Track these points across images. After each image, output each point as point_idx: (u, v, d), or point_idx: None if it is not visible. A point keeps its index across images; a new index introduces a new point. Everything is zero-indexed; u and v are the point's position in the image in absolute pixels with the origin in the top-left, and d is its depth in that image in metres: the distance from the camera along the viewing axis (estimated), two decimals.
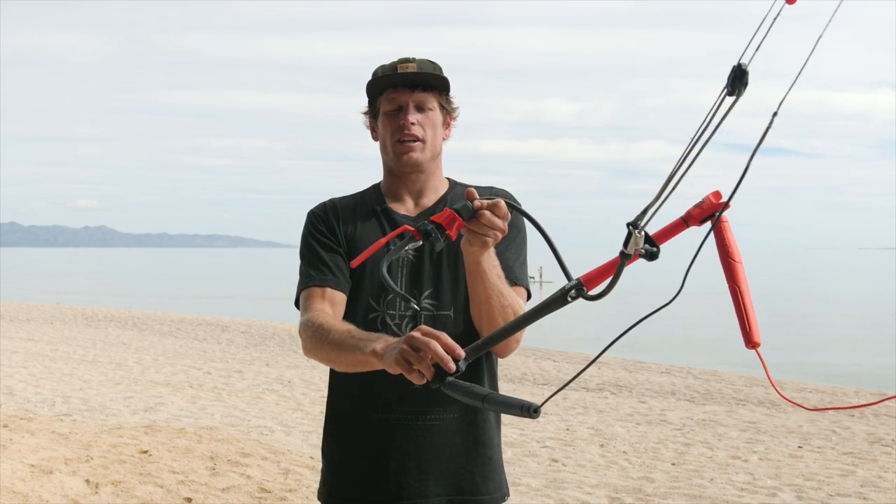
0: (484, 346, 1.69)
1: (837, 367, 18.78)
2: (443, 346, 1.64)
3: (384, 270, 1.68)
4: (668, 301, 1.48)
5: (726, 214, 1.60)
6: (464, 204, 1.79)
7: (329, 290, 2.16)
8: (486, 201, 1.79)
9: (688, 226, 1.64)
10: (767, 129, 1.41)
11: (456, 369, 1.61)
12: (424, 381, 1.65)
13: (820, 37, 1.40)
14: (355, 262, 1.94)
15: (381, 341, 1.85)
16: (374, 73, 2.23)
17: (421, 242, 1.74)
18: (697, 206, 1.63)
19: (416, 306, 2.15)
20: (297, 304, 2.22)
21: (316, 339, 2.06)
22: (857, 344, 24.71)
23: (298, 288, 2.20)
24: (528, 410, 1.49)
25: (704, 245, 1.55)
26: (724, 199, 1.57)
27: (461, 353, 1.63)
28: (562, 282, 1.59)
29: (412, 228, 1.74)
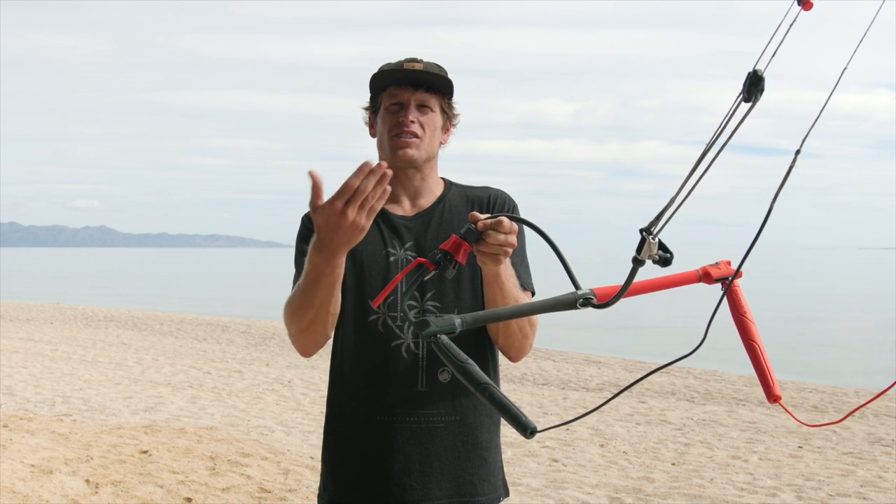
0: (485, 318, 1.68)
1: (837, 367, 18.77)
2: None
3: (405, 307, 1.72)
4: (690, 351, 1.49)
5: (738, 281, 1.63)
6: (467, 227, 1.78)
7: None
8: (489, 220, 1.79)
9: (700, 281, 1.65)
10: (789, 170, 1.40)
11: (454, 332, 1.54)
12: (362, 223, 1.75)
13: (858, 45, 1.39)
14: (376, 302, 1.93)
15: (310, 248, 1.91)
16: (380, 70, 2.22)
17: (434, 272, 1.75)
18: (714, 266, 1.65)
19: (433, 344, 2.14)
20: None
21: (288, 308, 2.07)
22: (857, 344, 24.69)
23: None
24: (526, 429, 1.40)
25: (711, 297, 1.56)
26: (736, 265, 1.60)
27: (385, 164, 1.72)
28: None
29: (425, 260, 1.75)
